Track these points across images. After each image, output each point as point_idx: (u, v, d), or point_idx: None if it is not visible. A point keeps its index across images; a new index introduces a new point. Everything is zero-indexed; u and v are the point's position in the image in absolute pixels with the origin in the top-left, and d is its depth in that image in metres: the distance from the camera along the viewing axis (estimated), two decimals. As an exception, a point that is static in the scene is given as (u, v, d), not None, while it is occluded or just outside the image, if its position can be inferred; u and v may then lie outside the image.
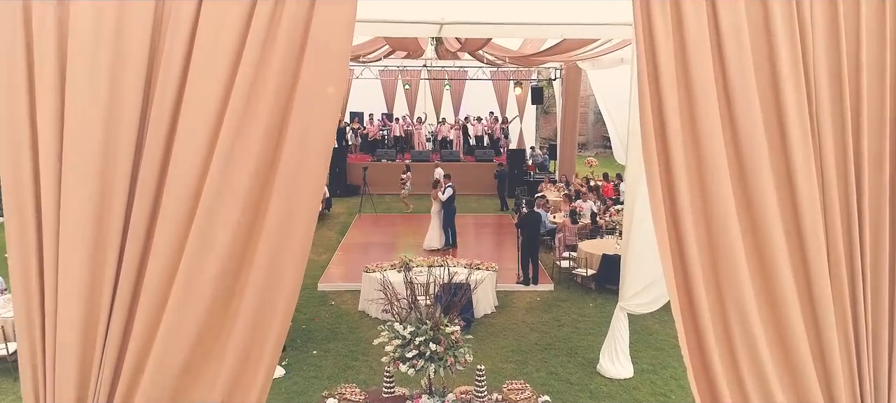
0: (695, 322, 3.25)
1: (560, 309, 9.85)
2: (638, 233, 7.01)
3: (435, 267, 8.84)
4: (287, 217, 2.77)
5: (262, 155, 2.73)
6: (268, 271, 2.81)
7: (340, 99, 2.90)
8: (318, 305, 9.98)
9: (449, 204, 12.79)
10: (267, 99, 2.73)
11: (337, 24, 2.75)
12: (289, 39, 2.73)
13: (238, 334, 2.82)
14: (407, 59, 16.76)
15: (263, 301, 2.82)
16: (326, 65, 2.76)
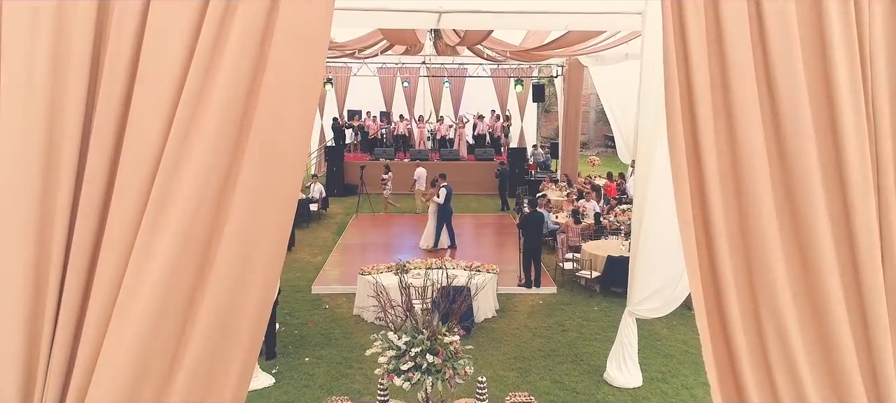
0: (723, 329, 2.89)
1: (564, 313, 9.45)
2: (647, 235, 6.63)
3: (432, 271, 8.46)
4: (250, 233, 2.47)
5: (216, 163, 2.42)
6: (228, 291, 2.47)
7: (315, 98, 2.60)
8: (311, 309, 9.57)
9: (445, 204, 12.38)
10: (223, 98, 2.43)
11: (310, 13, 2.46)
12: (250, 31, 2.44)
13: (192, 356, 2.46)
14: (405, 56, 16.36)
15: (224, 322, 2.48)
16: (297, 61, 2.47)
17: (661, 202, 6.41)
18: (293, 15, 2.46)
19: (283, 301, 9.76)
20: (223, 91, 2.40)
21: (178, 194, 2.40)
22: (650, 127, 6.37)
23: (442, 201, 12.36)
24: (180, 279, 2.42)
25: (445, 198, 12.30)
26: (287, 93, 2.45)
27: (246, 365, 2.56)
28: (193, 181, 2.40)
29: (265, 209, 2.47)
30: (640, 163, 6.60)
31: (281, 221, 2.54)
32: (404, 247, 13.08)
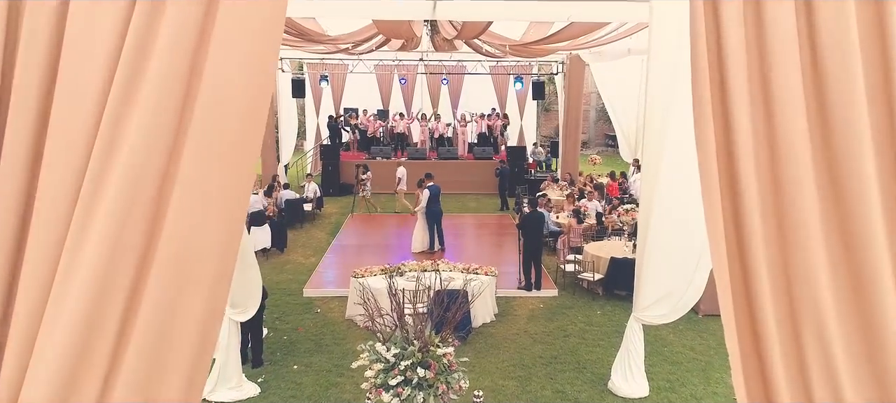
0: (756, 343, 2.53)
1: (565, 318, 9.05)
2: (655, 238, 6.25)
3: (426, 274, 8.08)
4: (189, 251, 2.24)
5: (149, 165, 2.18)
6: (165, 301, 2.20)
7: (264, 97, 2.36)
8: (302, 313, 9.18)
9: (431, 205, 11.95)
10: (153, 98, 2.19)
11: (254, 12, 2.23)
12: (185, 23, 2.20)
13: (127, 367, 2.20)
14: (402, 52, 15.96)
15: (161, 332, 2.21)
16: (242, 56, 2.24)
17: (669, 203, 6.05)
18: (236, 8, 2.22)
19: (274, 304, 9.37)
20: (154, 90, 2.17)
21: (105, 197, 2.14)
22: (657, 124, 6.00)
23: (425, 204, 11.94)
24: (112, 285, 2.16)
25: (430, 199, 11.87)
26: (230, 93, 2.23)
27: (192, 377, 2.31)
28: (123, 183, 2.15)
29: (206, 214, 2.23)
30: (646, 163, 6.23)
31: (226, 226, 2.29)
32: (401, 249, 12.68)
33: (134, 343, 2.16)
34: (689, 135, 5.55)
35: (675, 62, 5.58)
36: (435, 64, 19.03)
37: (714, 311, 8.95)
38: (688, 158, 5.86)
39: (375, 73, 21.10)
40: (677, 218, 6.07)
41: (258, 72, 2.28)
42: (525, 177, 18.35)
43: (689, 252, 6.26)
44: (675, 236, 6.19)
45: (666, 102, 5.81)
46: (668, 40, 5.61)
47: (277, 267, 11.36)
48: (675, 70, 5.61)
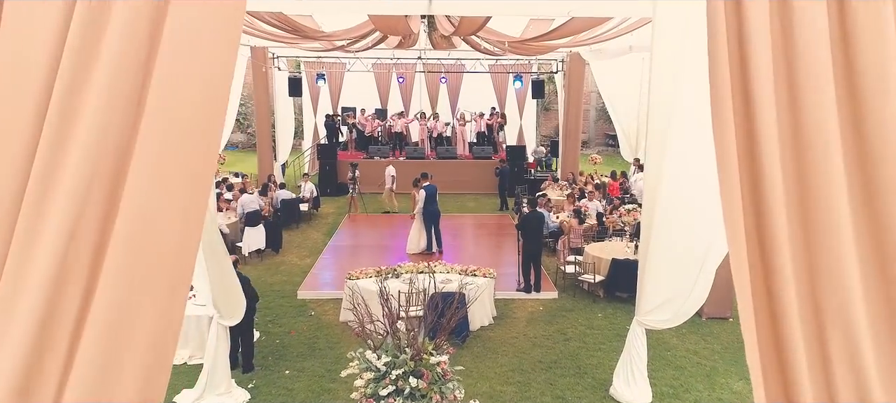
0: (776, 336, 2.34)
1: (566, 320, 8.83)
2: (657, 240, 6.03)
3: (421, 276, 7.87)
4: (144, 251, 2.12)
5: (98, 169, 2.05)
6: (116, 315, 2.09)
7: (221, 99, 2.25)
8: (296, 316, 8.95)
9: (428, 205, 11.71)
10: (101, 101, 2.06)
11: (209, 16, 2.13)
12: (135, 21, 2.08)
13: (77, 372, 2.10)
14: (400, 49, 15.72)
15: (114, 337, 2.11)
16: (196, 58, 2.14)
17: (672, 204, 5.85)
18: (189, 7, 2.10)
19: (267, 306, 9.15)
20: (102, 92, 2.04)
21: (54, 202, 2.01)
22: (660, 124, 5.80)
23: (421, 205, 11.71)
24: (64, 286, 2.05)
25: (427, 199, 11.64)
26: (184, 94, 2.12)
27: (151, 378, 2.23)
28: (72, 186, 2.01)
29: (160, 219, 2.10)
30: (649, 163, 6.01)
31: (183, 229, 2.16)
32: (398, 250, 12.46)
33: (86, 344, 2.06)
34: (693, 135, 5.36)
35: (678, 62, 5.40)
36: (433, 62, 18.79)
37: (718, 314, 8.75)
38: (691, 159, 5.67)
39: (373, 72, 20.86)
40: (680, 220, 5.88)
41: (216, 66, 2.16)
42: (525, 176, 18.13)
43: (692, 255, 6.06)
44: (679, 238, 5.98)
45: (669, 102, 5.61)
46: (672, 40, 5.41)
47: (272, 269, 11.14)
48: (678, 70, 5.42)
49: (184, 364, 7.35)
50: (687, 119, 5.53)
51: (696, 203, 5.77)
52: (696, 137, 5.53)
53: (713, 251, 6.08)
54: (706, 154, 5.55)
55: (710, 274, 6.22)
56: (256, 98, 16.85)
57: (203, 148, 2.19)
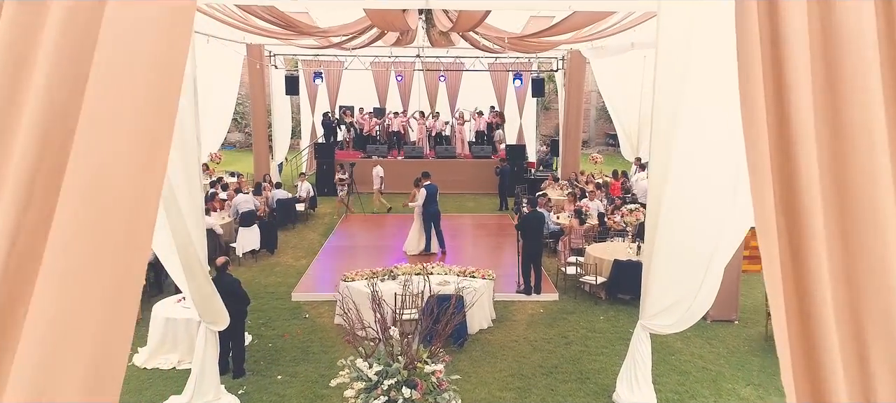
0: (808, 338, 2.14)
1: (567, 323, 8.60)
2: (662, 242, 5.80)
3: (416, 278, 7.64)
4: (76, 275, 1.99)
5: (26, 192, 1.92)
6: (56, 315, 1.94)
7: (175, 87, 2.13)
8: (289, 318, 8.71)
9: (428, 205, 11.48)
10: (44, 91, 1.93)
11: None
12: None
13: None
14: (397, 47, 15.50)
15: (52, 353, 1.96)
16: (142, 49, 2.00)
17: (678, 205, 5.62)
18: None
19: (260, 309, 8.92)
20: (40, 92, 1.90)
21: None
22: (665, 123, 5.57)
23: (420, 203, 11.48)
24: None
25: (427, 199, 11.40)
26: (120, 114, 1.97)
27: (100, 383, 2.07)
28: (12, 187, 1.88)
29: (103, 221, 1.95)
30: (653, 163, 5.77)
31: (129, 231, 1.97)
32: (396, 251, 12.23)
33: (28, 343, 1.92)
34: (699, 135, 5.13)
35: (684, 61, 5.21)
36: (432, 60, 18.57)
37: (723, 317, 8.52)
38: (697, 159, 5.44)
39: (371, 70, 20.64)
40: (686, 221, 5.66)
41: (162, 64, 2.03)
42: (525, 175, 17.90)
43: (698, 257, 5.82)
44: (684, 240, 5.75)
45: (674, 102, 5.40)
46: (677, 39, 5.22)
47: (266, 270, 10.90)
48: (684, 69, 5.23)
49: (173, 370, 7.12)
50: (693, 118, 5.34)
51: (702, 203, 5.57)
52: (702, 137, 5.34)
53: (719, 252, 5.85)
54: (712, 154, 5.40)
55: (717, 276, 5.99)
56: (252, 96, 16.62)
57: (147, 146, 2.04)
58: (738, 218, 5.67)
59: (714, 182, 5.49)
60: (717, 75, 4.89)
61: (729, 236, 5.80)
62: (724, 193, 5.50)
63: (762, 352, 7.75)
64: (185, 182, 5.27)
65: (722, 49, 5.09)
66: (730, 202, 5.54)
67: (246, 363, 7.12)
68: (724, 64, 5.13)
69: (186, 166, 5.34)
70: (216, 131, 17.66)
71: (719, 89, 5.03)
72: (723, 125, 5.10)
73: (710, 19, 4.97)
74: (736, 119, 5.16)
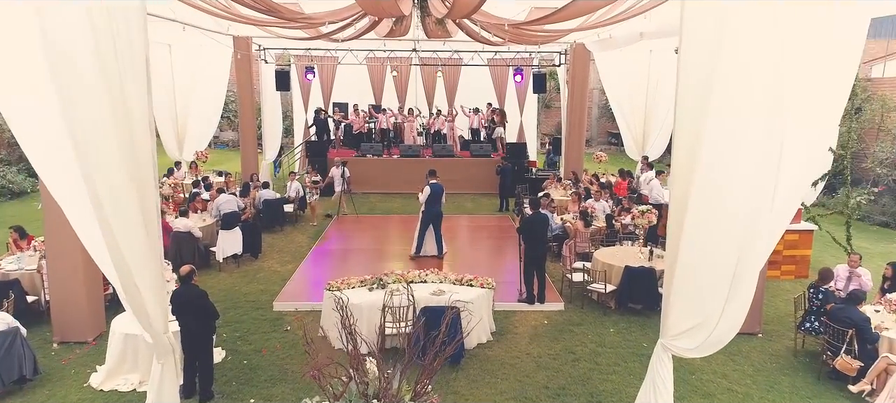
0: None
1: (574, 337, 7.82)
2: (690, 250, 5.01)
3: (397, 294, 6.89)
4: None
5: None
6: None
7: None
8: (269, 331, 7.93)
9: (431, 205, 10.73)
10: None
11: None
12: None
13: None
14: (392, 39, 14.71)
15: None
16: None
17: (706, 214, 4.85)
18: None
19: (237, 320, 8.16)
20: None
21: None
22: (690, 126, 4.83)
23: (422, 201, 10.73)
24: None
25: (430, 198, 10.65)
26: None
27: None
28: None
29: None
30: (678, 165, 4.99)
31: None
32: (390, 254, 11.46)
33: None
34: (729, 141, 4.35)
35: (711, 64, 4.54)
36: (429, 55, 17.79)
37: (746, 329, 7.70)
38: (727, 167, 4.65)
39: (366, 65, 19.84)
40: (716, 234, 4.91)
41: None
42: (526, 175, 17.12)
43: (727, 270, 5.05)
44: (713, 251, 4.99)
45: (700, 107, 4.69)
46: (702, 41, 4.56)
47: (248, 276, 10.11)
48: (711, 72, 4.54)
49: (133, 392, 6.34)
50: (722, 123, 4.64)
51: (732, 212, 4.84)
52: (733, 143, 4.65)
53: (749, 265, 5.10)
54: (745, 161, 4.67)
55: (742, 301, 5.24)
56: (239, 91, 15.84)
57: None
58: (774, 224, 4.95)
59: (747, 192, 4.77)
60: (753, 74, 4.34)
61: (762, 245, 5.06)
62: (760, 197, 4.78)
63: (792, 370, 6.99)
64: (129, 179, 4.49)
65: (761, 45, 4.40)
66: (766, 208, 4.82)
67: (216, 383, 6.34)
68: (761, 62, 4.43)
69: (136, 159, 4.56)
70: (203, 129, 16.90)
71: (756, 89, 4.39)
72: (760, 124, 4.46)
73: (750, 18, 4.30)
74: (774, 117, 4.45)
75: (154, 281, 4.81)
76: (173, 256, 10.16)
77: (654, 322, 8.21)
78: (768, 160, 4.65)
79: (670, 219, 5.27)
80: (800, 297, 7.45)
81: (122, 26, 4.31)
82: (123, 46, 4.32)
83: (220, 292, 9.28)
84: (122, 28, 4.31)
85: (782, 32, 4.38)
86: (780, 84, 4.47)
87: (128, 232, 4.49)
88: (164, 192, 12.09)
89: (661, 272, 8.58)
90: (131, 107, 4.54)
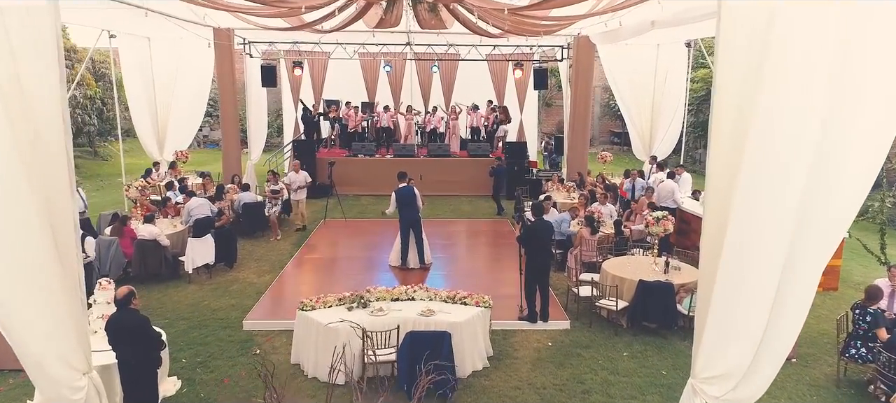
0: None
1: (582, 362, 6.87)
2: (726, 282, 4.09)
3: (394, 310, 5.96)
4: None
5: None
6: None
7: None
8: (236, 355, 6.98)
9: (402, 211, 9.74)
10: None
11: None
12: None
13: None
14: (383, 30, 13.75)
15: None
16: None
17: (750, 234, 3.95)
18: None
19: (201, 342, 7.21)
20: None
21: None
22: (729, 139, 3.95)
23: (390, 210, 9.78)
24: None
25: (399, 204, 9.69)
26: None
27: None
28: None
29: None
30: (714, 174, 4.08)
31: None
32: (379, 263, 10.51)
33: None
34: (778, 159, 3.84)
35: (751, 65, 3.76)
36: (424, 49, 16.84)
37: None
38: (774, 188, 3.83)
39: (359, 60, 18.90)
40: (758, 255, 4.02)
41: None
42: (526, 176, 16.17)
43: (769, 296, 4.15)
44: (757, 282, 4.10)
45: (742, 117, 3.82)
46: (740, 45, 3.76)
47: (220, 289, 9.14)
48: (757, 74, 3.72)
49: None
50: (771, 137, 3.77)
51: (779, 233, 3.95)
52: (783, 162, 3.80)
53: (796, 296, 4.20)
54: (798, 182, 3.80)
55: (796, 324, 4.34)
56: (220, 86, 14.86)
57: None
58: (823, 246, 4.07)
59: (798, 199, 3.88)
60: (810, 78, 3.60)
61: (806, 279, 4.18)
62: (811, 212, 3.90)
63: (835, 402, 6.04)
64: (29, 188, 3.56)
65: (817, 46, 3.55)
66: (819, 229, 3.95)
67: (162, 424, 5.39)
68: (817, 64, 3.59)
69: (37, 158, 3.64)
70: (186, 127, 15.96)
71: (813, 92, 3.63)
72: (814, 131, 3.70)
73: (807, 14, 3.55)
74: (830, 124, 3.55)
75: (68, 319, 3.87)
76: (137, 266, 9.22)
77: (672, 343, 7.28)
78: (822, 170, 3.79)
79: (704, 236, 4.34)
80: (842, 318, 6.50)
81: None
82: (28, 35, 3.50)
83: (185, 308, 8.32)
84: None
85: (840, 29, 3.53)
86: (839, 86, 3.62)
87: (25, 257, 3.56)
88: (131, 195, 11.12)
89: (678, 287, 7.64)
90: (33, 104, 3.64)
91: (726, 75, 3.89)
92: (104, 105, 20.03)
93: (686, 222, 10.63)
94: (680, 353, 7.01)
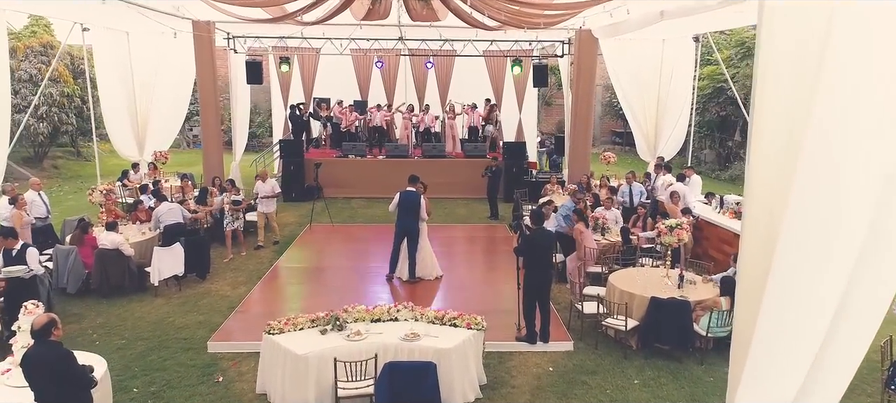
0: None
1: (588, 391, 6.06)
2: (771, 305, 3.33)
3: (375, 332, 5.17)
4: None
5: None
6: None
7: None
8: (196, 383, 6.16)
9: (400, 217, 8.97)
10: None
11: None
12: None
13: None
14: (372, 23, 12.95)
15: None
16: None
17: (803, 257, 3.18)
18: None
19: (159, 366, 6.41)
20: None
21: None
22: (775, 151, 3.26)
23: (391, 209, 8.99)
24: None
25: (399, 208, 8.94)
26: None
27: None
28: None
29: None
30: (755, 180, 3.34)
31: None
32: (367, 273, 9.70)
33: None
34: (830, 174, 3.12)
35: (797, 72, 3.04)
36: (418, 45, 16.01)
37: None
38: (826, 210, 3.09)
39: (351, 56, 18.08)
40: (810, 287, 3.26)
41: None
42: (525, 178, 15.34)
43: (817, 339, 3.41)
44: (806, 304, 3.36)
45: (793, 129, 3.09)
46: (784, 51, 3.15)
47: (188, 304, 8.31)
48: (812, 83, 2.97)
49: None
50: (827, 151, 3.04)
51: (841, 256, 3.18)
52: (848, 181, 3.00)
53: (860, 327, 3.46)
54: (867, 200, 3.07)
55: (852, 366, 3.59)
56: (200, 82, 14.02)
57: None
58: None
59: (868, 218, 3.13)
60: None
61: (868, 307, 3.41)
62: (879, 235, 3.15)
63: (881, 445, 5.23)
64: None
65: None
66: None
67: (96, 473, 4.57)
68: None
69: None
70: (167, 126, 15.16)
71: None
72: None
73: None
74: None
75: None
76: (98, 278, 8.41)
77: (689, 368, 6.48)
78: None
79: (742, 251, 3.56)
80: (886, 344, 5.69)
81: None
82: None
83: (147, 326, 7.51)
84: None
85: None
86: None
87: None
88: (95, 200, 10.30)
89: (695, 304, 6.84)
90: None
91: (769, 84, 3.15)
92: (83, 103, 19.20)
93: (699, 229, 9.81)
94: (698, 381, 6.21)
